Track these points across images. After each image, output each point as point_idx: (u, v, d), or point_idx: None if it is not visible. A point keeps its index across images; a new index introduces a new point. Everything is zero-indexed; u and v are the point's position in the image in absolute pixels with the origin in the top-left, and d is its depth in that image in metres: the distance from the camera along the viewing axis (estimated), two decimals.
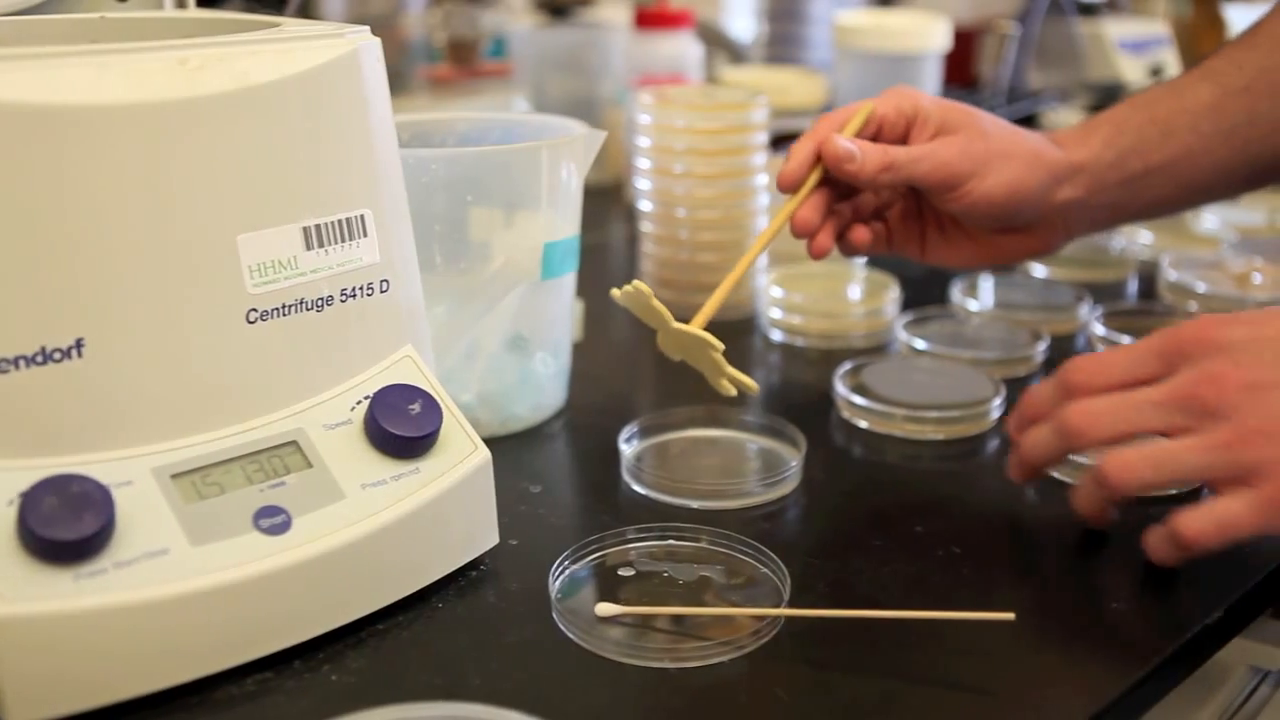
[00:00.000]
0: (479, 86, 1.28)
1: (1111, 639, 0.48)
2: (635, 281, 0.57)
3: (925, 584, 0.52)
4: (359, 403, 0.50)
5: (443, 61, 1.32)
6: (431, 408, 0.51)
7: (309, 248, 0.49)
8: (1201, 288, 0.86)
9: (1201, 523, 0.48)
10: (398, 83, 1.26)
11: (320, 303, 0.50)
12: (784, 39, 1.41)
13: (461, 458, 0.51)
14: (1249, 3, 1.51)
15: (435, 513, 0.49)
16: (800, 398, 0.73)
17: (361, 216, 0.51)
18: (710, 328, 0.58)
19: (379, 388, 0.51)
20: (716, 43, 1.51)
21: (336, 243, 0.50)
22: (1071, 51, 1.41)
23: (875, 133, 0.67)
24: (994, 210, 0.65)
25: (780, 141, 1.15)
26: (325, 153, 0.49)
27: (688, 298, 0.83)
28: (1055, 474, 0.57)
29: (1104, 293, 0.88)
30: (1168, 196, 0.69)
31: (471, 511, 0.51)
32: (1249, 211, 1.09)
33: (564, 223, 0.63)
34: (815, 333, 0.79)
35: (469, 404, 0.64)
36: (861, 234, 0.68)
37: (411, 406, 0.50)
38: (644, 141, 0.81)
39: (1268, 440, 0.47)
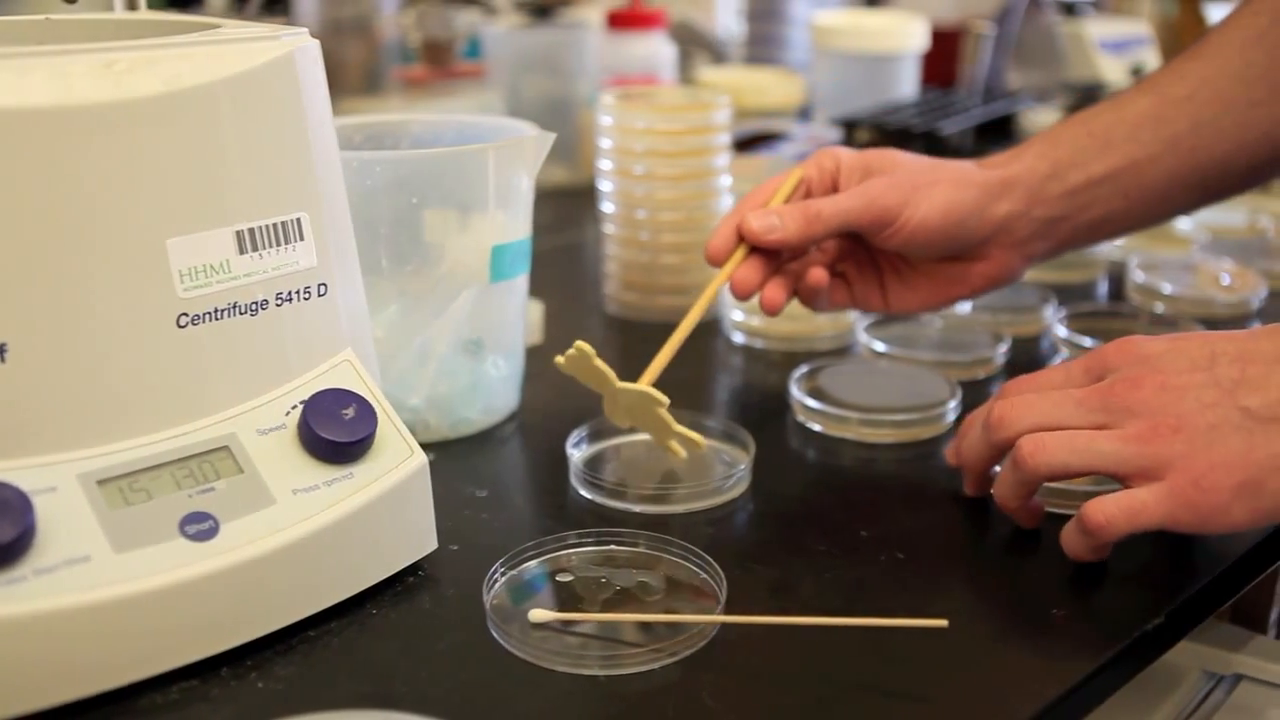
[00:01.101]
0: (454, 88, 1.27)
1: (1050, 645, 0.48)
2: (577, 342, 0.57)
3: (866, 589, 0.51)
4: (294, 408, 0.50)
5: (418, 62, 1.31)
6: (366, 412, 0.50)
7: (242, 251, 0.49)
8: (1168, 289, 0.85)
9: (1109, 509, 0.49)
10: (374, 84, 1.26)
11: (254, 307, 0.49)
12: (764, 39, 1.41)
13: (397, 462, 0.50)
14: (1231, 2, 1.50)
15: (369, 518, 0.49)
16: (758, 401, 0.73)
17: (298, 220, 0.51)
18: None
19: (314, 392, 0.50)
20: (697, 43, 1.50)
21: (271, 246, 0.50)
22: (1052, 51, 1.40)
23: (804, 197, 0.67)
24: (934, 237, 0.65)
25: (755, 142, 1.15)
26: (259, 156, 0.49)
27: (651, 300, 0.83)
28: (1048, 508, 0.56)
29: (1073, 294, 0.88)
30: (1121, 209, 0.68)
31: (407, 516, 0.51)
32: (1228, 212, 1.08)
33: (514, 225, 0.63)
34: (777, 335, 0.79)
35: (418, 407, 0.63)
36: (818, 275, 0.66)
37: (345, 411, 0.50)
38: (606, 143, 0.81)
39: (1176, 435, 0.48)
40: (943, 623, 0.46)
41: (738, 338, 0.80)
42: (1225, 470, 0.47)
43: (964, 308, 0.84)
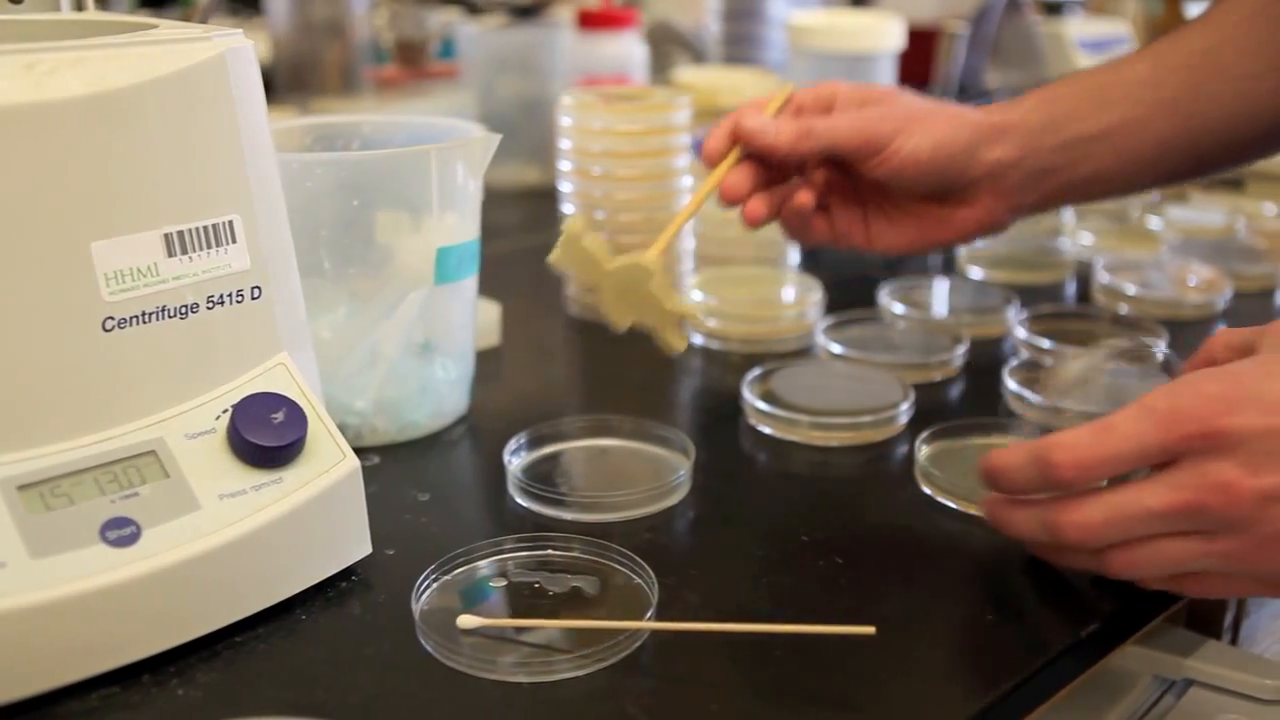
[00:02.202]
0: (428, 88, 1.27)
1: (983, 651, 0.48)
2: (566, 223, 0.56)
3: (800, 595, 0.51)
4: (224, 412, 0.50)
5: (391, 63, 1.31)
6: (297, 416, 0.50)
7: (171, 254, 0.48)
8: (1132, 290, 0.85)
9: (1210, 592, 0.48)
10: (348, 84, 1.26)
11: (184, 310, 0.49)
12: (741, 39, 1.40)
13: (328, 467, 0.50)
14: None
15: (297, 523, 0.48)
16: (713, 404, 0.73)
17: (230, 222, 0.50)
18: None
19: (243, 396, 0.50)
20: (677, 43, 1.50)
21: (201, 249, 0.49)
22: (1030, 51, 1.39)
23: (795, 115, 0.67)
24: (923, 171, 0.64)
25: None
26: (188, 158, 0.49)
27: None
28: None
29: (1040, 295, 0.87)
30: (1112, 169, 0.68)
31: (339, 521, 0.51)
32: (1203, 212, 1.08)
33: (460, 227, 0.62)
34: (737, 337, 0.78)
35: (364, 411, 0.63)
36: (805, 196, 0.67)
37: (274, 415, 0.49)
38: (565, 143, 0.81)
39: None
40: (870, 630, 0.45)
41: (696, 339, 0.79)
42: None
43: (939, 310, 0.83)
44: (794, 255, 0.90)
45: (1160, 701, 0.60)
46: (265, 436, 0.48)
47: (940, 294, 0.86)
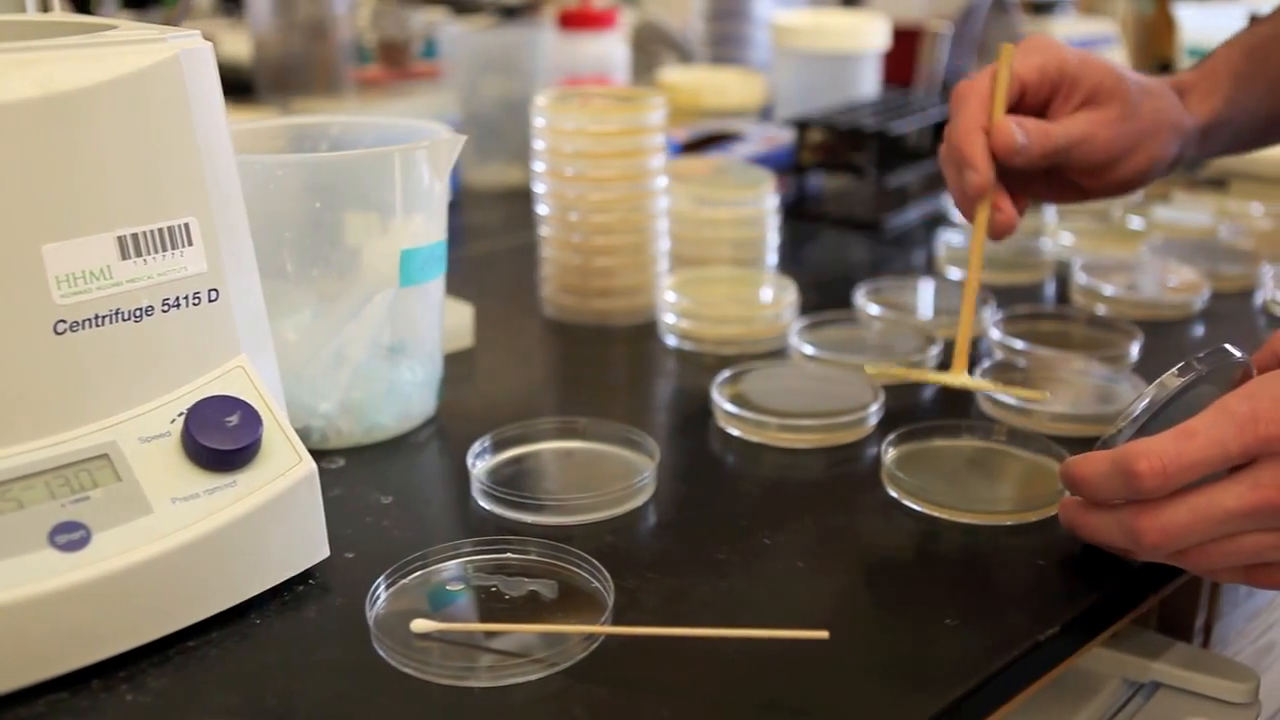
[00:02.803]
0: (410, 88, 1.26)
1: (940, 655, 0.47)
2: (866, 368, 0.62)
3: (758, 599, 0.50)
4: (180, 415, 0.49)
5: (374, 63, 1.30)
6: (251, 419, 0.49)
7: (125, 257, 0.48)
8: (1109, 290, 0.84)
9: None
10: (332, 84, 1.25)
11: (139, 313, 0.49)
12: (727, 39, 1.40)
13: (283, 470, 0.50)
14: (1200, 3, 1.50)
15: (251, 527, 0.48)
16: (684, 406, 0.72)
17: (185, 225, 0.50)
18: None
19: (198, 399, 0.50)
20: (664, 43, 1.49)
21: (156, 252, 0.49)
22: None
23: (1019, 97, 0.65)
24: (1134, 184, 0.66)
25: (710, 142, 1.14)
26: (143, 160, 0.48)
27: (585, 303, 0.82)
28: None
29: (1020, 295, 0.87)
30: (1242, 145, 0.72)
31: (294, 525, 0.50)
32: (1186, 212, 1.08)
33: (425, 229, 0.62)
34: (711, 338, 0.78)
35: (329, 413, 0.63)
36: (1014, 217, 0.66)
37: (229, 418, 0.49)
38: (539, 144, 0.80)
39: None
40: (823, 634, 0.45)
41: (670, 340, 0.79)
42: None
43: (915, 311, 0.83)
44: (772, 256, 0.90)
45: (1129, 704, 0.60)
46: (219, 440, 0.48)
47: (917, 295, 0.86)
